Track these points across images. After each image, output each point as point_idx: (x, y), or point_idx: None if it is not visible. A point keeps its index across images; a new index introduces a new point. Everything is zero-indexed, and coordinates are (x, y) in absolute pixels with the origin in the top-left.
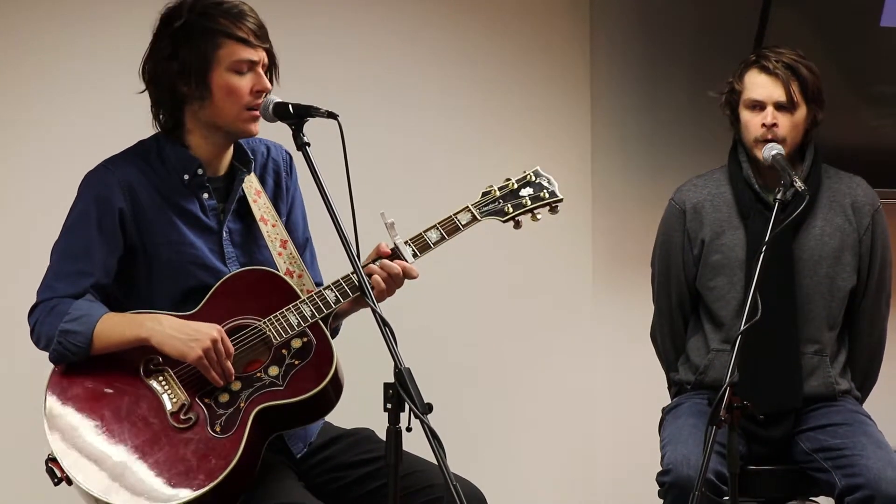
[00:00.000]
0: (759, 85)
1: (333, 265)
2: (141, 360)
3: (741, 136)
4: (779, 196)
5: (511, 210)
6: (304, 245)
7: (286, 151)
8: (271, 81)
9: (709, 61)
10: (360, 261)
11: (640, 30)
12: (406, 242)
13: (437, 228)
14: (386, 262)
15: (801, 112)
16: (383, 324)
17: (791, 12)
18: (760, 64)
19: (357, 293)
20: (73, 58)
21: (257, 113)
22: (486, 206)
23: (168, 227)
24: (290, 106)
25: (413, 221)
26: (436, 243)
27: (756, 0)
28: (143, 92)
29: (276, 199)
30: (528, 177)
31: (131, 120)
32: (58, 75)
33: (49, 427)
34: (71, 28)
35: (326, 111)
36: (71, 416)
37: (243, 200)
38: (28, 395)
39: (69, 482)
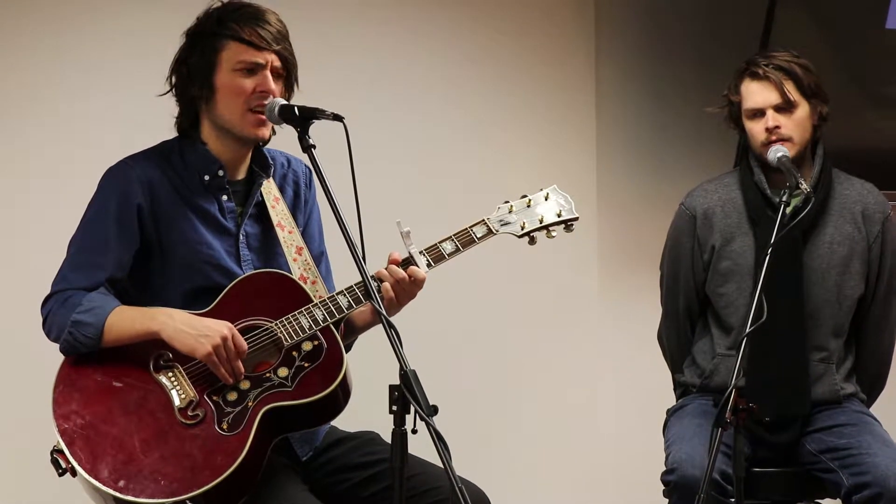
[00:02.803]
0: (754, 92)
1: (346, 274)
2: (151, 354)
3: (750, 145)
4: (784, 198)
5: (527, 226)
6: (318, 259)
7: (306, 166)
8: (290, 87)
9: (714, 63)
10: (365, 263)
11: (644, 32)
12: (421, 252)
13: (453, 240)
14: (393, 267)
15: (803, 109)
16: (389, 326)
17: (796, 14)
18: (751, 71)
19: (369, 299)
20: (98, 54)
21: (262, 116)
22: (501, 220)
23: (185, 226)
24: (295, 108)
25: (419, 224)
26: (450, 254)
27: (762, 2)
28: (164, 95)
29: (294, 210)
30: (545, 194)
31: (154, 120)
32: (84, 72)
33: (56, 418)
34: (93, 26)
35: (332, 113)
36: (78, 408)
37: (262, 206)
38: (36, 385)
39: (73, 473)
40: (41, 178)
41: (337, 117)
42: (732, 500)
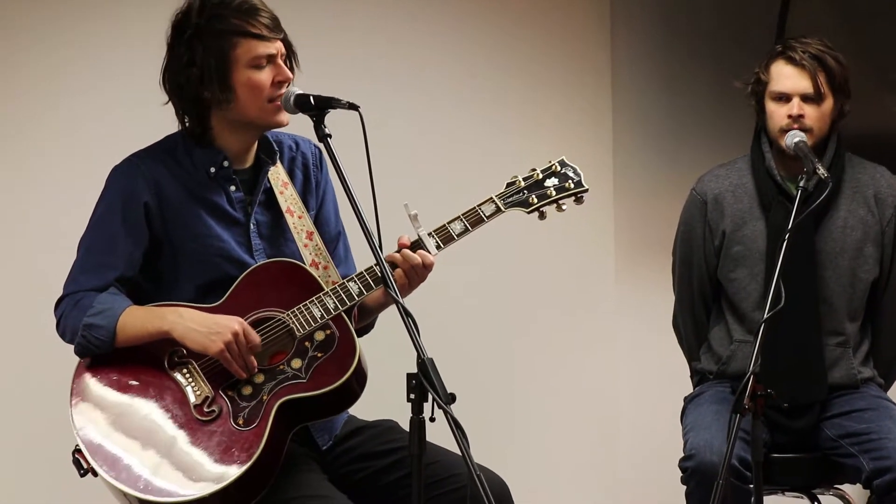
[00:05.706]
0: (786, 76)
1: (358, 258)
2: (166, 352)
3: (766, 126)
4: (801, 183)
5: (536, 201)
6: (336, 239)
7: (315, 146)
8: (291, 69)
9: (730, 49)
10: (382, 252)
11: (661, 19)
12: (430, 234)
13: (461, 220)
14: (407, 252)
15: (828, 103)
16: (406, 314)
17: None
18: (787, 55)
19: (381, 285)
20: (99, 53)
21: (279, 103)
22: (510, 196)
23: (194, 221)
24: (311, 97)
25: (435, 212)
26: (459, 235)
27: None
28: (167, 103)
29: (304, 193)
30: (554, 167)
31: (158, 115)
32: (85, 70)
33: (75, 419)
34: (95, 23)
35: (348, 102)
36: (96, 408)
37: (270, 192)
38: (54, 386)
39: (94, 473)
40: (46, 176)
41: (353, 106)
42: (751, 485)
